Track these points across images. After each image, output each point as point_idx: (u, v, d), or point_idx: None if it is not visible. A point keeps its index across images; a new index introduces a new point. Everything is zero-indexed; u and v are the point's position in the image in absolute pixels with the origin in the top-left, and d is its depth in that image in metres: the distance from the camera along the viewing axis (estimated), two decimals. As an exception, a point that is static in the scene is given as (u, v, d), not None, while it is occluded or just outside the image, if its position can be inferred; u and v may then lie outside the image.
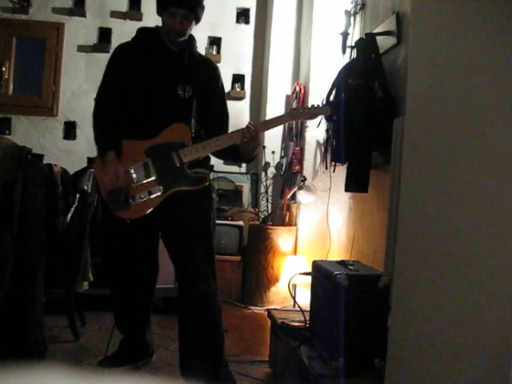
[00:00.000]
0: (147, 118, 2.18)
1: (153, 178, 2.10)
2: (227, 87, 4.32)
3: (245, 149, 2.18)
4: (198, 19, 2.21)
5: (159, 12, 2.23)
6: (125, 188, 2.09)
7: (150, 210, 2.09)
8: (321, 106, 2.34)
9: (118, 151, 2.13)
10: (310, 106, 2.30)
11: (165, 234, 2.23)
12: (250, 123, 2.17)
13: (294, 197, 3.97)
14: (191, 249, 2.13)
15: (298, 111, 2.30)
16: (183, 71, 2.23)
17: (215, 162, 3.44)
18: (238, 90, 4.69)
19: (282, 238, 3.84)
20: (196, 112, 2.23)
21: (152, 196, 2.09)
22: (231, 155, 2.31)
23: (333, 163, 3.15)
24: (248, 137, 2.13)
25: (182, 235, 2.16)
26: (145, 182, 2.10)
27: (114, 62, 2.28)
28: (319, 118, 2.74)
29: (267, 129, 2.27)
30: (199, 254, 2.13)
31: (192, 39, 2.28)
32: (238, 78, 4.72)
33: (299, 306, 2.36)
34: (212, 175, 4.17)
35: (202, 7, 2.21)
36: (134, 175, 2.10)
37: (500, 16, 1.11)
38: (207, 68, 2.31)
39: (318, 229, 3.78)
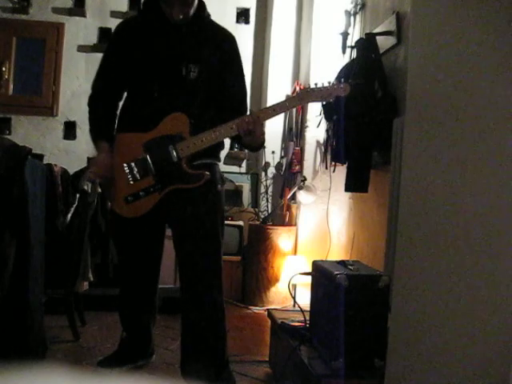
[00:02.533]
0: (148, 103, 2.06)
1: (151, 175, 2.03)
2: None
3: (246, 140, 2.02)
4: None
5: None
6: (112, 180, 2.07)
7: (148, 209, 2.05)
8: (339, 85, 1.99)
9: (110, 141, 2.10)
10: (325, 84, 1.97)
11: (172, 231, 2.19)
12: (250, 111, 2.00)
13: (294, 197, 3.97)
14: (194, 249, 2.09)
15: (309, 92, 1.97)
16: (187, 48, 2.04)
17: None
18: (238, 89, 4.68)
19: (282, 238, 3.84)
20: (205, 92, 2.07)
21: (149, 195, 2.04)
22: (239, 142, 2.20)
23: (333, 163, 3.15)
24: (244, 129, 1.95)
25: (185, 235, 2.11)
26: (143, 179, 2.04)
27: (112, 43, 2.18)
28: (318, 116, 2.47)
29: (271, 116, 2.02)
30: (203, 255, 2.10)
31: (201, 6, 2.06)
32: (238, 78, 4.72)
33: (299, 306, 2.36)
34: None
35: None
36: (133, 172, 2.05)
37: (500, 16, 1.11)
38: (220, 39, 2.10)
39: (318, 229, 3.78)
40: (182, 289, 2.15)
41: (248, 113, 2.07)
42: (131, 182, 2.05)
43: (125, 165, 2.05)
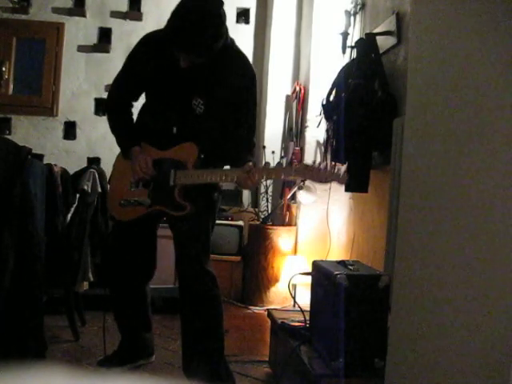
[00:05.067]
0: (160, 126, 2.15)
1: (147, 190, 2.13)
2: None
3: (240, 185, 2.07)
4: (216, 50, 1.94)
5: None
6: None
7: (135, 217, 2.14)
8: (338, 171, 1.95)
9: (139, 142, 2.16)
10: (327, 167, 1.95)
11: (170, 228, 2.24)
12: (251, 166, 2.00)
13: (294, 197, 3.97)
14: (191, 249, 2.13)
15: (307, 169, 1.97)
16: (198, 82, 2.06)
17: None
18: (238, 89, 4.68)
19: (282, 238, 3.84)
20: (214, 126, 2.12)
21: (138, 206, 2.12)
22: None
23: (333, 163, 3.14)
24: (240, 183, 2.01)
25: (182, 234, 2.15)
26: (140, 190, 2.14)
27: (135, 54, 2.16)
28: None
29: (268, 179, 2.04)
30: (199, 254, 2.13)
31: (223, 34, 1.95)
32: (238, 78, 4.72)
33: (299, 306, 2.36)
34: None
35: (220, 37, 1.92)
36: (134, 180, 2.15)
37: (500, 16, 1.11)
38: (236, 75, 2.09)
39: (318, 229, 3.78)
40: (180, 289, 2.17)
41: (251, 163, 2.04)
42: (130, 189, 2.16)
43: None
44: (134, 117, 2.28)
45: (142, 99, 2.27)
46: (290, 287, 2.52)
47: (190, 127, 2.11)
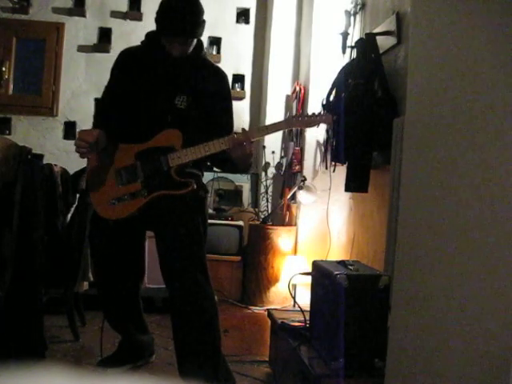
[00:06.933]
0: (143, 126, 2.19)
1: (138, 181, 2.13)
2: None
3: (235, 155, 2.10)
4: (199, 36, 2.18)
5: (158, 33, 2.15)
6: (101, 183, 2.17)
7: (131, 212, 2.13)
8: (321, 113, 2.20)
9: (110, 144, 2.19)
10: (310, 113, 2.19)
11: (154, 233, 2.22)
12: (242, 129, 2.14)
13: (294, 197, 3.97)
14: (176, 251, 2.09)
15: (296, 119, 2.22)
16: (182, 80, 2.20)
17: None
18: (238, 89, 4.69)
19: (282, 238, 3.84)
20: (195, 122, 2.21)
21: (135, 198, 2.12)
22: (224, 164, 2.31)
23: (333, 163, 3.15)
24: (235, 143, 2.07)
25: (166, 232, 2.13)
26: (130, 184, 2.13)
27: (114, 68, 2.32)
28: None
29: (262, 135, 2.19)
30: (185, 256, 2.09)
31: (199, 44, 2.23)
32: (238, 78, 4.73)
33: (299, 306, 2.36)
34: (212, 175, 4.17)
35: (201, 24, 2.14)
36: (121, 177, 2.15)
37: (500, 16, 1.11)
38: (212, 76, 2.26)
39: (318, 229, 3.78)
40: (167, 288, 2.13)
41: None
42: (118, 186, 2.15)
43: (116, 169, 2.16)
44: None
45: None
46: (289, 287, 2.52)
47: (173, 121, 2.17)
